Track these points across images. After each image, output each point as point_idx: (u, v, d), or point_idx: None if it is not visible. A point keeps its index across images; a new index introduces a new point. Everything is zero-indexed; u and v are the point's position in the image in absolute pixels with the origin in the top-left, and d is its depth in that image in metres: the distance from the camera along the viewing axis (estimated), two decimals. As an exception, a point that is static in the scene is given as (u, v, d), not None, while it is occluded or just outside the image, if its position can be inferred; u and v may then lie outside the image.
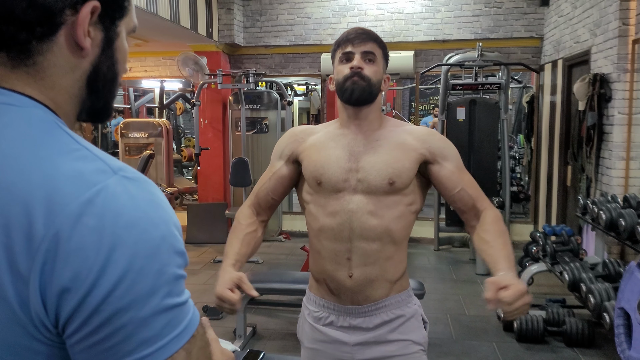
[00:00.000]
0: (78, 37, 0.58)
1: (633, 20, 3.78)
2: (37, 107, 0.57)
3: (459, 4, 5.99)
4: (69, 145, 0.55)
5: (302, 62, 6.51)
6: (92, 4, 0.57)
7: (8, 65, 0.57)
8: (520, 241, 5.87)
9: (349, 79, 1.46)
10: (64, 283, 0.50)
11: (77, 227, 0.50)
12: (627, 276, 2.11)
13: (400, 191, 1.46)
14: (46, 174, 0.52)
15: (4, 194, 0.51)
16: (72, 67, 0.60)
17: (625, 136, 3.83)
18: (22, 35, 0.55)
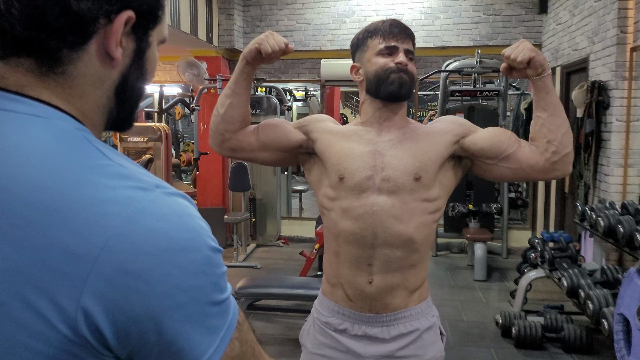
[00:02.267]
0: (110, 47, 0.56)
1: (631, 28, 3.81)
2: (63, 119, 0.55)
3: (458, 12, 6.02)
4: (100, 161, 0.53)
5: (301, 68, 6.54)
6: (127, 14, 0.56)
7: (37, 72, 0.54)
8: (519, 247, 5.88)
9: (394, 72, 1.40)
10: (127, 308, 0.48)
11: (129, 250, 0.48)
12: (627, 282, 2.12)
13: (426, 189, 1.38)
14: (85, 194, 0.49)
15: (43, 214, 0.48)
16: (101, 77, 0.58)
17: (623, 143, 3.85)
18: (53, 42, 0.53)
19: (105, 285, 0.47)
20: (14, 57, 0.54)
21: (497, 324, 3.85)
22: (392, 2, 6.12)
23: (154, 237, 0.49)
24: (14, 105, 0.53)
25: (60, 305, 0.46)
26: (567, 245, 3.85)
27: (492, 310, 4.22)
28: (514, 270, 5.00)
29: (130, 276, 0.48)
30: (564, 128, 1.35)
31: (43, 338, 0.47)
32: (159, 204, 0.51)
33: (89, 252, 0.47)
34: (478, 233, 5.38)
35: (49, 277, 0.47)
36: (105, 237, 0.47)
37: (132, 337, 0.49)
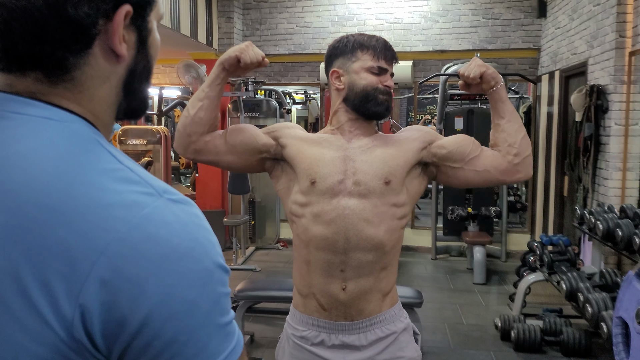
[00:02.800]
0: (114, 45, 0.56)
1: (630, 32, 3.82)
2: (76, 122, 0.56)
3: (457, 15, 6.04)
4: (111, 165, 0.53)
5: (301, 71, 6.55)
6: (124, 9, 0.55)
7: (46, 82, 0.55)
8: (517, 251, 5.89)
9: (382, 94, 1.46)
10: (119, 313, 0.48)
11: (128, 256, 0.48)
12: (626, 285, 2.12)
13: (395, 194, 1.41)
14: (93, 197, 0.49)
15: (50, 216, 0.48)
16: (108, 75, 0.58)
17: (622, 147, 3.86)
18: (58, 53, 0.54)
19: (101, 288, 0.47)
20: (21, 70, 0.55)
21: (497, 328, 3.85)
22: (392, 6, 6.14)
23: (154, 244, 0.49)
24: (28, 108, 0.54)
25: (60, 307, 0.47)
26: (566, 249, 3.86)
27: (491, 314, 4.23)
28: (513, 274, 5.01)
29: (127, 282, 0.47)
30: (522, 132, 1.44)
31: (41, 340, 0.47)
32: (164, 210, 0.51)
33: (89, 255, 0.47)
34: (477, 236, 5.39)
35: (51, 278, 0.47)
36: (106, 240, 0.47)
37: (120, 340, 0.48)
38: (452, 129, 5.82)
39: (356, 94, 1.45)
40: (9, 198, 0.49)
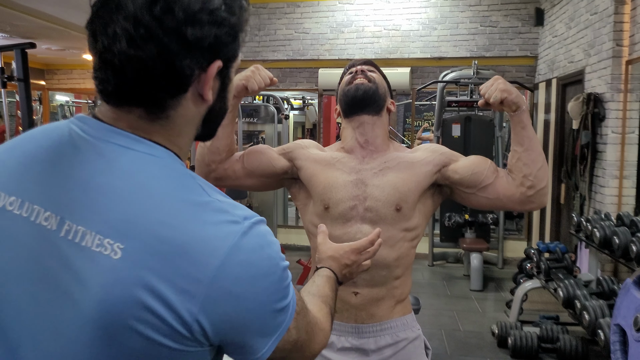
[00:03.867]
0: (205, 92, 0.68)
1: (627, 41, 3.85)
2: (169, 157, 0.68)
3: (455, 23, 6.08)
4: (203, 198, 0.66)
5: (299, 77, 6.56)
6: (217, 64, 0.67)
7: (146, 118, 0.67)
8: (514, 258, 5.90)
9: (353, 79, 1.48)
10: (225, 318, 0.63)
11: (229, 278, 0.62)
12: (623, 293, 2.13)
13: (406, 220, 1.41)
14: (198, 231, 0.62)
15: (168, 247, 0.61)
16: (194, 116, 0.70)
17: (619, 155, 3.88)
18: (160, 95, 0.66)
19: (214, 302, 0.62)
20: (127, 107, 0.66)
21: (494, 334, 3.85)
22: (390, 13, 6.17)
23: (246, 267, 0.64)
24: (136, 145, 0.66)
25: (181, 316, 0.61)
26: (563, 256, 3.87)
27: (488, 320, 4.23)
28: (509, 281, 5.01)
29: (232, 297, 0.63)
30: (540, 162, 1.38)
31: (159, 330, 0.61)
32: (248, 237, 0.65)
33: (204, 277, 0.61)
34: (474, 243, 5.40)
35: (173, 294, 0.60)
36: (214, 266, 0.61)
37: (224, 335, 0.65)
38: (450, 135, 5.84)
39: (340, 102, 1.51)
40: (135, 228, 0.61)
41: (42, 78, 7.43)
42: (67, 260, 0.62)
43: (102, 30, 0.63)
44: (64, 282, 0.62)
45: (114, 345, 0.61)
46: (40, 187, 0.67)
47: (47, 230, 0.64)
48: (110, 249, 0.61)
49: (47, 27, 4.89)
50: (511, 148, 1.41)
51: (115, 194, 0.63)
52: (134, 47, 0.62)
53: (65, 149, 0.67)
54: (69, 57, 6.71)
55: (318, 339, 0.83)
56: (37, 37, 5.40)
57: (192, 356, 0.65)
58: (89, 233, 0.62)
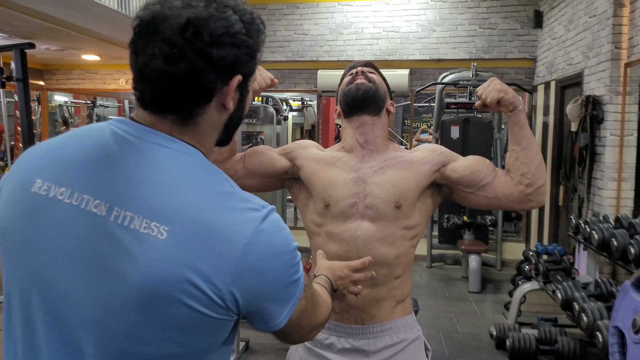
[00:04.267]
0: (227, 102, 0.81)
1: (625, 44, 3.86)
2: (199, 155, 0.80)
3: (454, 25, 6.08)
4: (229, 189, 0.78)
5: (298, 78, 6.57)
6: (237, 79, 0.80)
7: (178, 123, 0.79)
8: (513, 259, 5.91)
9: (354, 79, 1.49)
10: (252, 289, 0.75)
11: (255, 254, 0.74)
12: (622, 295, 2.13)
13: (405, 217, 1.42)
14: (229, 216, 0.74)
15: (206, 229, 0.72)
16: (218, 122, 0.84)
17: (617, 157, 3.89)
18: (189, 105, 0.79)
19: (242, 275, 0.73)
20: (162, 114, 0.79)
21: (492, 336, 3.85)
22: (389, 15, 6.18)
23: (268, 247, 0.76)
24: (172, 144, 0.78)
25: (216, 286, 0.72)
26: (561, 258, 3.87)
27: (486, 322, 4.23)
28: (508, 283, 5.02)
29: (256, 271, 0.75)
30: (537, 161, 1.39)
31: (199, 301, 0.71)
32: (267, 222, 0.77)
33: (235, 253, 0.73)
34: (472, 245, 5.40)
35: (209, 268, 0.71)
36: (242, 244, 0.73)
37: (250, 305, 0.76)
38: (448, 137, 5.84)
39: (340, 103, 1.53)
40: (177, 213, 0.72)
41: (41, 78, 7.42)
42: (116, 240, 0.72)
43: (142, 49, 0.76)
44: (113, 260, 0.72)
45: (159, 312, 0.71)
46: (89, 179, 0.76)
47: (97, 216, 0.74)
48: (157, 230, 0.72)
49: (46, 28, 4.88)
50: (509, 147, 1.43)
51: (157, 184, 0.74)
52: (168, 64, 0.74)
53: (110, 146, 0.78)
54: (67, 57, 6.71)
55: (322, 309, 0.98)
56: (36, 38, 5.39)
57: (222, 324, 0.76)
58: (136, 217, 0.72)
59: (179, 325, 0.72)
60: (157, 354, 0.74)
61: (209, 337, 0.77)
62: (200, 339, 0.75)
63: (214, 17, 0.76)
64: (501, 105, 1.38)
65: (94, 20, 4.59)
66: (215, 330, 0.76)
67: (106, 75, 7.28)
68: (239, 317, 0.79)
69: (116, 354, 0.73)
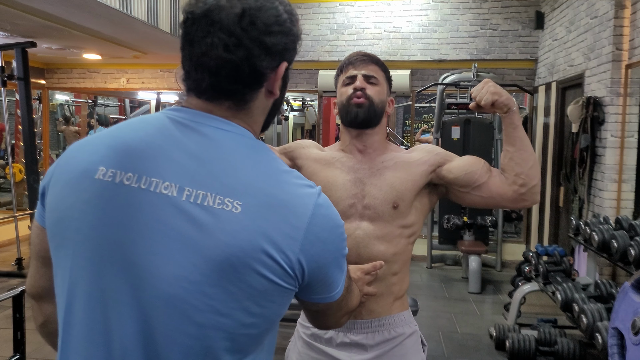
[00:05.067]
0: (274, 88, 0.86)
1: (626, 45, 3.86)
2: (253, 137, 0.85)
3: (456, 25, 6.08)
4: (285, 167, 0.83)
5: (299, 78, 6.57)
6: (284, 65, 0.85)
7: (233, 109, 0.84)
8: (513, 261, 5.91)
9: (352, 98, 1.48)
10: (316, 258, 0.79)
11: (318, 225, 0.79)
12: (621, 296, 2.13)
13: (403, 217, 1.46)
14: (291, 190, 0.80)
15: (275, 200, 0.77)
16: (265, 107, 0.88)
17: (618, 159, 3.89)
18: (245, 90, 0.83)
19: (309, 245, 0.78)
20: (218, 100, 0.83)
21: (491, 337, 3.85)
22: (390, 15, 6.18)
23: (328, 219, 0.81)
24: (229, 127, 0.83)
25: (287, 255, 0.76)
26: (561, 259, 3.87)
27: (486, 323, 4.23)
28: (508, 283, 5.02)
29: (320, 241, 0.79)
30: (531, 162, 1.42)
31: (273, 271, 0.75)
32: (321, 197, 0.82)
33: (302, 224, 0.77)
34: (472, 245, 5.40)
35: (281, 237, 0.75)
36: (308, 216, 0.78)
37: (313, 274, 0.80)
38: (449, 138, 5.84)
39: (340, 112, 1.54)
40: (248, 188, 0.77)
41: (42, 77, 7.43)
42: (192, 218, 0.75)
43: (200, 39, 0.79)
44: (191, 236, 0.74)
45: (237, 283, 0.74)
46: (154, 163, 0.78)
47: (169, 197, 0.76)
48: (231, 205, 0.75)
49: (48, 26, 4.89)
50: (503, 148, 1.46)
51: (224, 163, 0.78)
52: (228, 52, 0.79)
53: (171, 131, 0.81)
54: (69, 56, 6.71)
55: (355, 294, 1.04)
56: (37, 36, 5.39)
57: (289, 294, 0.81)
58: (209, 195, 0.75)
59: (255, 295, 0.75)
60: (231, 325, 0.75)
61: (277, 308, 0.80)
62: (271, 309, 0.79)
63: (265, 7, 0.81)
64: (495, 107, 1.41)
65: (95, 20, 4.60)
66: (283, 300, 0.80)
67: (107, 74, 7.29)
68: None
69: (194, 328, 0.74)
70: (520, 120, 1.44)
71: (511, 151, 1.42)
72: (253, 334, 0.79)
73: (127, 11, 4.30)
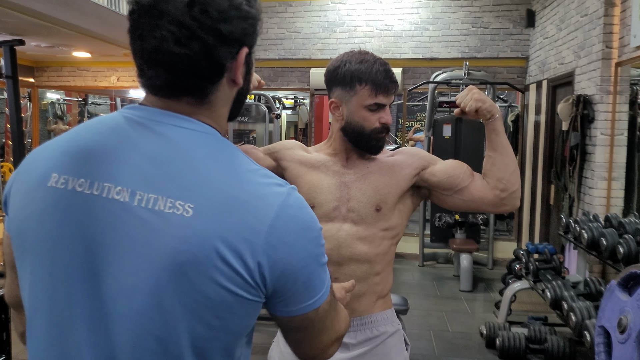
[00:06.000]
0: (237, 77, 0.80)
1: (616, 43, 3.86)
2: (216, 134, 0.79)
3: (447, 24, 6.08)
4: (253, 166, 0.78)
5: (291, 76, 6.55)
6: (245, 51, 0.79)
7: (194, 104, 0.78)
8: (504, 258, 5.92)
9: (379, 133, 1.48)
10: (280, 264, 0.73)
11: (283, 228, 0.73)
12: (608, 295, 2.13)
13: (385, 220, 1.48)
14: (255, 190, 0.74)
15: (232, 201, 0.72)
16: (229, 98, 0.83)
17: (608, 157, 3.90)
18: (204, 83, 0.77)
19: (271, 249, 0.72)
20: (176, 96, 0.78)
21: (482, 335, 3.86)
22: (382, 13, 6.17)
23: (295, 221, 0.75)
24: (189, 124, 0.77)
25: (245, 261, 0.70)
26: (552, 257, 3.88)
27: (477, 321, 4.23)
28: (499, 281, 5.02)
29: (286, 245, 0.73)
30: (512, 167, 1.46)
31: (231, 279, 0.70)
32: (292, 197, 0.76)
33: (263, 226, 0.71)
34: (464, 244, 5.41)
35: (238, 242, 0.70)
36: (270, 218, 0.72)
37: (279, 282, 0.74)
38: (441, 136, 5.84)
39: (353, 130, 1.48)
40: (203, 189, 0.72)
41: (32, 75, 7.37)
42: (142, 223, 0.71)
43: (149, 34, 0.73)
44: (138, 242, 0.71)
45: (192, 293, 0.70)
46: (108, 167, 0.74)
47: (120, 202, 0.72)
48: (182, 209, 0.71)
49: (36, 24, 4.84)
50: (486, 153, 1.49)
51: (179, 164, 0.73)
52: (180, 45, 0.73)
53: (126, 132, 0.76)
54: (58, 54, 6.66)
55: (343, 316, 0.92)
56: (26, 34, 5.35)
57: (253, 306, 0.75)
58: (160, 199, 0.71)
59: (214, 306, 0.70)
60: (192, 339, 0.71)
61: (240, 320, 0.74)
62: (233, 322, 0.73)
63: None
64: (479, 114, 1.44)
65: (84, 17, 4.56)
66: (246, 312, 0.74)
67: (97, 72, 7.24)
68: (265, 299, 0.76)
69: (154, 343, 0.71)
70: (502, 126, 1.47)
71: (493, 157, 1.46)
72: (217, 347, 0.74)
73: (115, 9, 4.27)
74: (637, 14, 3.52)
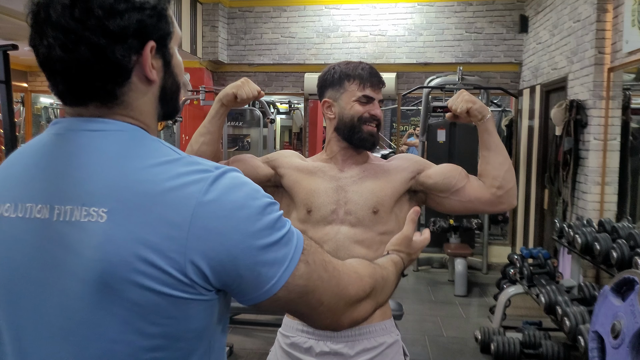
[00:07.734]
0: (146, 72, 0.73)
1: (609, 49, 3.89)
2: (137, 130, 0.74)
3: (441, 29, 6.10)
4: (173, 156, 0.72)
5: (285, 81, 6.55)
6: (149, 45, 0.72)
7: (105, 107, 0.73)
8: (498, 263, 5.92)
9: (367, 122, 1.51)
10: (215, 254, 0.67)
11: (208, 216, 0.67)
12: (601, 300, 2.14)
13: (382, 223, 1.48)
14: (173, 182, 0.68)
15: (145, 199, 0.67)
16: (146, 93, 0.76)
17: (601, 161, 3.91)
18: (108, 86, 0.71)
19: (199, 241, 0.66)
20: (83, 103, 0.73)
21: (477, 340, 3.85)
22: (376, 19, 6.19)
23: (221, 204, 0.68)
24: (104, 125, 0.73)
25: (172, 259, 0.65)
26: (546, 262, 3.88)
27: (471, 326, 4.23)
28: (493, 286, 5.02)
29: (213, 232, 0.67)
30: (506, 165, 1.48)
31: (158, 279, 0.65)
32: (220, 179, 0.70)
33: (184, 220, 0.66)
34: (459, 248, 5.41)
35: (160, 240, 0.65)
36: (191, 208, 0.67)
37: (222, 274, 0.68)
38: (435, 140, 5.85)
39: (345, 124, 1.53)
40: (115, 191, 0.67)
41: (25, 80, 7.34)
42: (62, 238, 0.68)
43: (39, 42, 0.70)
44: (60, 258, 0.68)
45: (118, 303, 0.66)
46: (29, 187, 0.72)
47: (42, 220, 0.70)
48: (96, 215, 0.67)
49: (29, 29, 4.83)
50: (480, 154, 1.52)
51: (90, 168, 0.70)
52: (67, 52, 0.68)
53: (45, 147, 0.74)
54: (52, 59, 6.64)
55: (350, 280, 0.82)
56: (19, 39, 5.32)
57: (191, 306, 0.69)
58: (76, 209, 0.68)
59: (145, 312, 0.66)
60: (129, 352, 0.67)
61: (181, 324, 0.68)
62: (172, 326, 0.68)
63: None
64: (470, 115, 1.47)
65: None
66: (185, 313, 0.68)
67: (92, 77, 7.22)
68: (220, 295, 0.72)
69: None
70: (494, 127, 1.50)
71: (487, 156, 1.48)
72: (161, 357, 0.69)
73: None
74: (629, 20, 3.54)
